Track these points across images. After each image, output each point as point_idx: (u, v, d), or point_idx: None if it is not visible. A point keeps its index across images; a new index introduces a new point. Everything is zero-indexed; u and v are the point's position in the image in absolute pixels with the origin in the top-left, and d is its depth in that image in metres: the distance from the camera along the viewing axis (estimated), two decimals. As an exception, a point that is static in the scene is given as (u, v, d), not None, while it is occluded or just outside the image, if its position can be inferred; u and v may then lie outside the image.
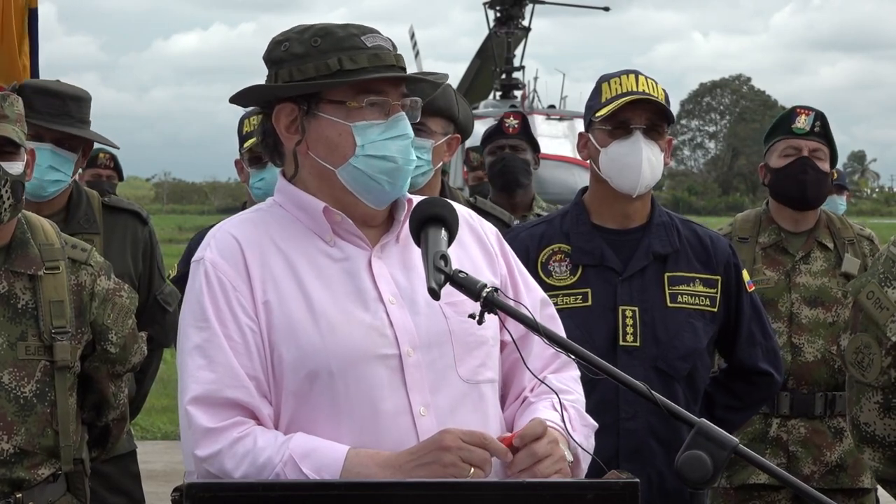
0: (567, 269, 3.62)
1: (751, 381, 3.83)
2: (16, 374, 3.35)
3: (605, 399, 3.38)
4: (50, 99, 4.25)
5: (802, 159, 4.63)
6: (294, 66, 2.55)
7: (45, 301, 3.40)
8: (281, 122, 2.59)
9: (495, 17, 31.49)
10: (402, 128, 2.57)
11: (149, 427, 11.00)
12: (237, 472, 2.40)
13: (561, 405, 2.57)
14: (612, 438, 3.45)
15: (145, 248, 4.53)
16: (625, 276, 3.59)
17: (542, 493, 2.24)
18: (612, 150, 3.58)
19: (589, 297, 3.58)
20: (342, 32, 2.56)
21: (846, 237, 4.73)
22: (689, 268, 3.63)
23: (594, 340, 3.48)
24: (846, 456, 4.61)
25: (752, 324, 3.74)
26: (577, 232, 3.65)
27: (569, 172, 21.26)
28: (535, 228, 3.72)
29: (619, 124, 3.57)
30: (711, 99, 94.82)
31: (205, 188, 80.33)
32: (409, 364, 2.50)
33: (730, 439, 2.18)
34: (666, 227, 3.65)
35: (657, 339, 3.55)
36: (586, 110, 3.70)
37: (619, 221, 3.66)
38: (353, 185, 2.56)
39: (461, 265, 2.54)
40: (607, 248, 3.61)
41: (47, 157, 4.19)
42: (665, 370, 3.54)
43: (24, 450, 3.35)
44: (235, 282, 2.51)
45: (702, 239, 3.68)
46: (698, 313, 3.61)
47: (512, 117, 6.58)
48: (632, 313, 3.56)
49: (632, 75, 3.62)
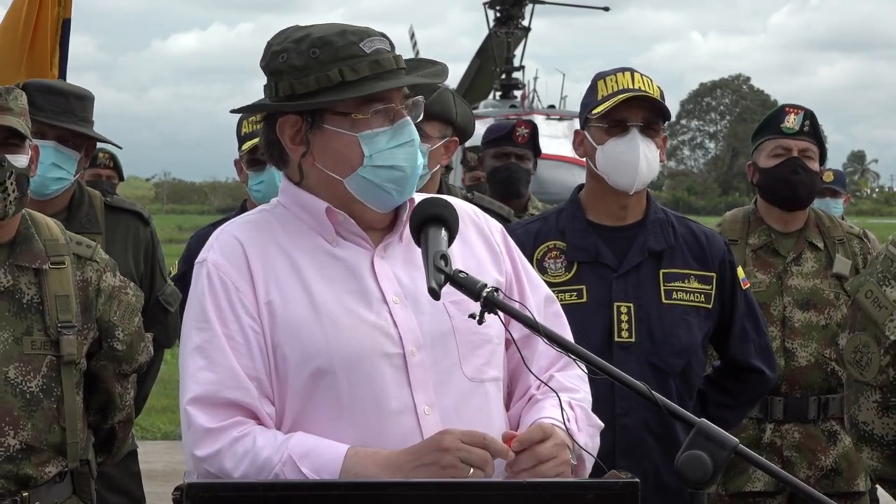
0: (562, 265, 3.63)
1: (743, 379, 3.84)
2: (22, 368, 3.35)
3: (601, 395, 3.36)
4: (53, 97, 4.25)
5: (792, 160, 4.61)
6: (294, 78, 2.52)
7: (50, 295, 3.41)
8: (285, 134, 2.58)
9: (495, 17, 31.51)
10: (407, 133, 2.56)
11: (149, 427, 11.00)
12: (237, 472, 2.41)
13: (569, 404, 2.57)
14: (609, 434, 3.45)
15: (147, 248, 4.54)
16: (620, 273, 3.60)
17: (542, 493, 2.24)
18: (608, 148, 3.59)
19: (584, 294, 3.59)
20: (340, 41, 2.53)
21: (836, 236, 4.70)
22: (684, 264, 3.64)
23: (589, 337, 3.49)
24: (841, 460, 4.59)
25: (746, 320, 3.76)
26: (572, 229, 3.67)
27: (568, 172, 21.22)
28: (531, 226, 3.74)
29: (616, 122, 3.58)
30: (712, 99, 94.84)
31: (205, 188, 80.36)
32: (414, 363, 2.50)
33: (730, 439, 2.18)
34: (661, 224, 3.67)
35: (652, 335, 3.56)
36: (582, 108, 3.72)
37: (615, 218, 3.67)
38: (361, 193, 2.56)
39: (466, 263, 2.55)
40: (602, 245, 3.63)
41: (50, 155, 4.19)
42: (659, 366, 3.55)
43: (30, 445, 3.34)
44: (238, 282, 2.51)
45: (697, 236, 3.70)
46: (693, 310, 3.62)
47: (523, 126, 6.59)
48: (627, 310, 3.57)
49: (627, 73, 3.63)
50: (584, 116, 3.68)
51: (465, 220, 2.67)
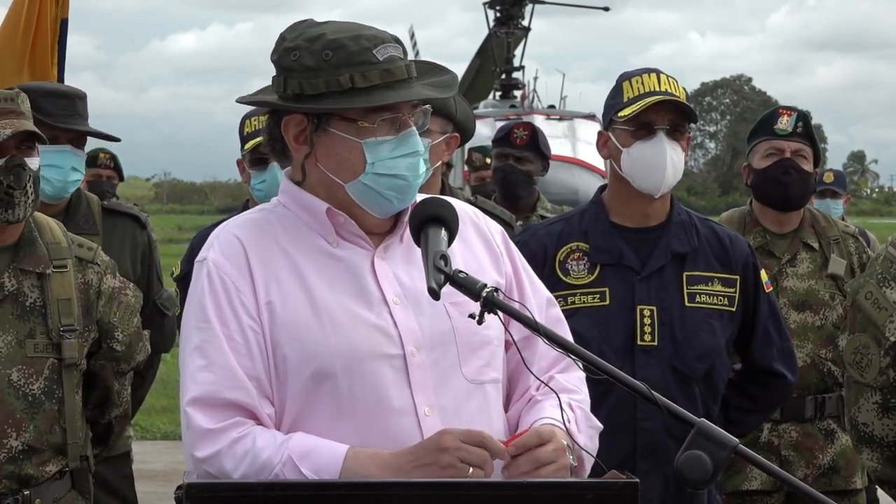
0: (585, 267, 3.59)
1: (765, 383, 3.81)
2: (24, 371, 3.38)
3: (623, 398, 3.37)
4: (60, 100, 4.30)
5: (784, 161, 4.61)
6: (304, 78, 2.51)
7: (53, 299, 3.44)
8: (290, 132, 2.57)
9: (495, 17, 31.50)
10: (412, 144, 2.55)
11: (149, 427, 10.99)
12: (236, 473, 2.40)
13: (569, 406, 2.57)
14: (629, 437, 3.45)
15: (144, 252, 4.55)
16: (643, 275, 3.56)
17: (542, 493, 2.24)
18: (635, 151, 3.55)
19: (607, 296, 3.55)
20: (354, 46, 2.50)
21: (831, 236, 4.70)
22: (707, 267, 3.61)
23: (612, 339, 3.47)
24: (838, 458, 4.61)
25: (769, 323, 3.72)
26: (595, 230, 3.63)
27: (568, 172, 21.22)
28: (554, 226, 3.70)
29: (643, 125, 3.54)
30: (713, 99, 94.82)
31: (205, 188, 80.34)
32: (414, 364, 2.50)
33: (730, 439, 2.18)
34: (685, 226, 3.63)
35: (675, 338, 3.52)
36: (607, 109, 3.67)
37: (639, 220, 3.63)
38: (361, 199, 2.55)
39: (466, 264, 2.54)
40: (626, 247, 3.59)
41: (69, 159, 4.27)
42: (682, 370, 3.52)
43: (32, 446, 3.38)
44: (238, 282, 2.51)
45: (721, 238, 3.67)
46: (716, 313, 3.58)
47: (521, 128, 6.58)
48: (650, 312, 3.53)
49: (653, 74, 3.60)
50: (609, 118, 3.64)
51: (466, 221, 2.67)
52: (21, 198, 3.37)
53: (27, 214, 3.41)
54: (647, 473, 3.39)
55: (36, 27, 5.39)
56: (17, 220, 3.38)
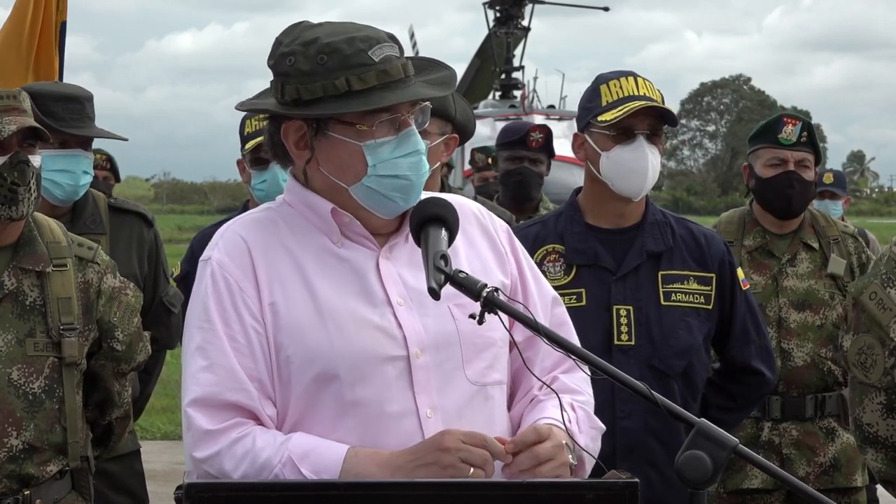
0: (561, 269, 3.63)
1: (744, 382, 3.84)
2: (24, 370, 3.38)
3: (602, 398, 3.37)
4: (70, 104, 4.33)
5: (789, 173, 4.64)
6: (300, 83, 2.50)
7: (52, 298, 3.44)
8: (290, 138, 2.56)
9: (495, 17, 31.54)
10: (412, 144, 2.54)
11: (149, 427, 10.99)
12: (236, 473, 2.40)
13: (571, 406, 2.57)
14: (609, 437, 3.44)
15: (150, 249, 4.58)
16: (619, 276, 3.59)
17: (542, 493, 2.23)
18: (615, 155, 3.57)
19: (583, 297, 3.58)
20: (349, 49, 2.49)
21: (831, 236, 4.73)
22: (683, 266, 3.64)
23: (589, 340, 3.46)
24: (839, 455, 4.63)
25: (746, 321, 3.76)
26: (570, 232, 3.66)
27: (568, 172, 21.16)
28: (530, 230, 3.73)
29: (623, 129, 3.56)
30: (712, 99, 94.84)
31: (204, 188, 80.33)
32: (417, 366, 2.49)
33: (730, 439, 2.18)
34: (660, 226, 3.66)
35: (652, 337, 3.55)
36: (583, 111, 3.69)
37: (614, 221, 3.66)
38: (366, 201, 2.55)
39: (471, 264, 2.54)
40: (601, 248, 3.62)
41: (81, 163, 4.33)
42: (660, 368, 3.54)
43: (32, 446, 3.38)
44: (242, 282, 2.50)
45: (696, 237, 3.69)
46: (693, 311, 3.62)
47: (538, 131, 6.59)
48: (626, 312, 3.56)
49: (630, 77, 3.62)
50: (587, 120, 3.65)
51: (471, 219, 2.67)
52: (25, 195, 3.39)
53: (30, 212, 3.42)
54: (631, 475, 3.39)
55: (41, 30, 5.44)
56: (20, 216, 3.40)
